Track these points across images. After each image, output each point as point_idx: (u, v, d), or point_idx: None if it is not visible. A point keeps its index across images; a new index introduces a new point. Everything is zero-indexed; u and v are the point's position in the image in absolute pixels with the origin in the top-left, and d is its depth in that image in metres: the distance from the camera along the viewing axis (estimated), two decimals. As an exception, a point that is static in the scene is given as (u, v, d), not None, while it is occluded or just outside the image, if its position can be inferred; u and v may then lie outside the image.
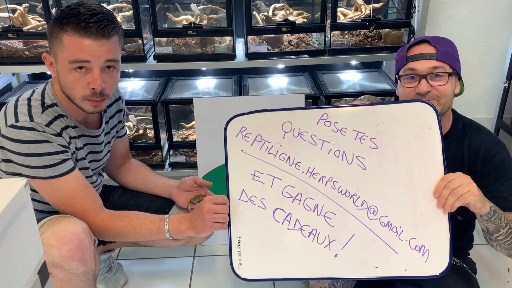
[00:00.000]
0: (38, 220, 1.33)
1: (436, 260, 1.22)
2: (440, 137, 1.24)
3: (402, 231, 1.24)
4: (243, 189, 1.31)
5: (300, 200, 1.29)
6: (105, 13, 1.28)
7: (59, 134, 1.32)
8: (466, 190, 1.18)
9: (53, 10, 2.02)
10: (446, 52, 1.37)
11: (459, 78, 1.43)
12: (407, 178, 1.25)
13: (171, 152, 2.32)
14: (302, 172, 1.29)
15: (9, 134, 1.26)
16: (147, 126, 2.35)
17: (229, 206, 1.30)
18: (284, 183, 1.30)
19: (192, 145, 2.27)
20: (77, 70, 1.28)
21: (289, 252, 1.29)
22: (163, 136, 2.34)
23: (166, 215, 1.39)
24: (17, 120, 1.27)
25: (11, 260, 0.73)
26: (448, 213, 1.22)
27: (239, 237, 1.30)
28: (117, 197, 1.69)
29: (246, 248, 1.30)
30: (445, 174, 1.23)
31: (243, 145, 1.32)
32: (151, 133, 2.31)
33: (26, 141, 1.26)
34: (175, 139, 2.34)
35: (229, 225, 1.31)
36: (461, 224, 1.46)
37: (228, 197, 1.31)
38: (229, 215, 1.30)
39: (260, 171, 1.31)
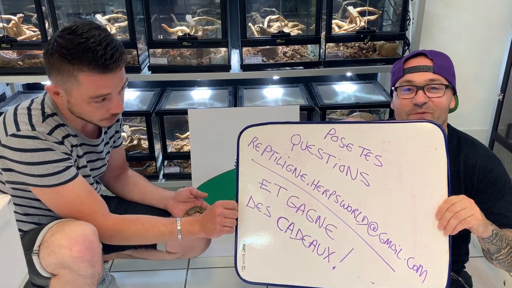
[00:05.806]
0: (41, 228, 1.33)
1: (433, 281, 1.22)
2: (446, 159, 1.24)
3: (401, 249, 1.24)
4: (251, 196, 1.35)
5: (303, 211, 1.32)
6: (112, 39, 1.24)
7: (61, 142, 1.31)
8: (469, 214, 1.17)
9: (48, 20, 2.01)
10: (443, 65, 1.38)
11: (454, 93, 1.43)
12: (410, 198, 1.25)
13: (165, 163, 2.30)
14: (307, 184, 1.32)
15: (10, 144, 1.25)
16: (142, 136, 2.34)
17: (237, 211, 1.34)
18: (289, 194, 1.33)
19: (186, 156, 2.26)
20: (97, 102, 1.27)
21: (289, 260, 1.32)
22: (158, 146, 2.32)
23: (177, 218, 1.41)
24: (18, 129, 1.25)
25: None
26: (449, 236, 1.21)
27: (244, 241, 1.34)
28: (113, 207, 1.67)
29: (250, 252, 1.34)
30: (448, 196, 1.22)
31: (254, 154, 1.36)
32: (145, 144, 2.30)
33: (29, 150, 1.24)
34: (169, 149, 2.32)
35: (235, 229, 1.34)
36: (457, 237, 1.45)
37: (236, 202, 1.35)
38: (236, 219, 1.34)
39: (267, 180, 1.34)
